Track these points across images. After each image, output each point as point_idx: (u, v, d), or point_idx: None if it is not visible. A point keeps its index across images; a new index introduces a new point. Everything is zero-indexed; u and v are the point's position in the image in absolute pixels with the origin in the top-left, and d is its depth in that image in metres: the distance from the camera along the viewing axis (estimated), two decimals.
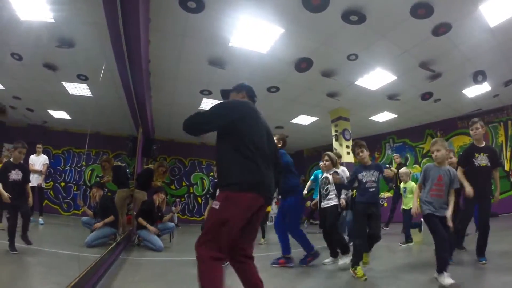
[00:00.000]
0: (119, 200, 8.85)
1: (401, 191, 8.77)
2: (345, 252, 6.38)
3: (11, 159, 6.40)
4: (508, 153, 14.20)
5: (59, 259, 5.98)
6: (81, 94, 9.84)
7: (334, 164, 6.88)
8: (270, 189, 3.18)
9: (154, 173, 9.49)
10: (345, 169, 7.32)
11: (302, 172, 20.02)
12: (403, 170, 9.01)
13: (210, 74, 9.71)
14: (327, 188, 6.59)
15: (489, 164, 5.74)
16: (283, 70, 9.62)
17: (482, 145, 6.01)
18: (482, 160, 5.75)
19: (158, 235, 8.29)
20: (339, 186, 6.45)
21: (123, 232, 8.81)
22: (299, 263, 5.98)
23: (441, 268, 4.40)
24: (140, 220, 8.17)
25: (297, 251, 6.39)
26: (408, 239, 8.45)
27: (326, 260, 6.50)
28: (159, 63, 8.92)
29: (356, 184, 5.85)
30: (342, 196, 6.58)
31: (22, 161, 6.63)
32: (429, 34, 8.08)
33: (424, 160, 15.72)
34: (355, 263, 5.30)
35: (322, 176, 6.87)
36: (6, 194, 6.04)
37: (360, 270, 5.20)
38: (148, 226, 8.12)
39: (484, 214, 5.71)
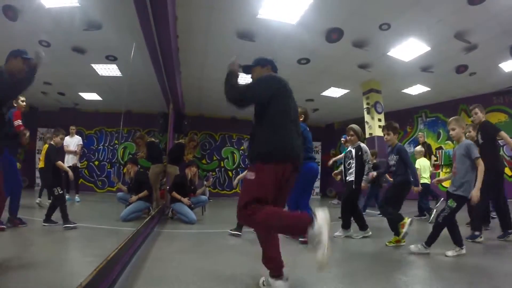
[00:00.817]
0: (153, 175, 8.95)
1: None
2: (362, 228, 6.61)
3: (52, 142, 6.57)
4: None
5: (97, 233, 6.30)
6: (111, 74, 9.99)
7: (359, 138, 6.88)
8: (299, 158, 3.25)
9: (185, 147, 9.51)
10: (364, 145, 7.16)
11: (333, 146, 20.09)
12: (417, 148, 9.28)
13: (239, 47, 9.60)
14: (350, 162, 6.72)
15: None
16: (313, 41, 9.46)
17: None
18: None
19: (191, 208, 8.34)
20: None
21: (157, 206, 8.92)
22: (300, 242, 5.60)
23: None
24: (174, 194, 8.22)
25: None
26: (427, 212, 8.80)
27: (337, 233, 6.57)
28: (187, 38, 8.90)
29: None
30: (365, 177, 6.59)
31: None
32: (465, 2, 7.75)
33: None
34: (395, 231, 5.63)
35: (347, 149, 6.96)
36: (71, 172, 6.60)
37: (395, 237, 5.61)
38: (182, 198, 8.16)
39: None
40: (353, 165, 6.62)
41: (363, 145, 6.78)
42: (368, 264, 4.66)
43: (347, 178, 6.76)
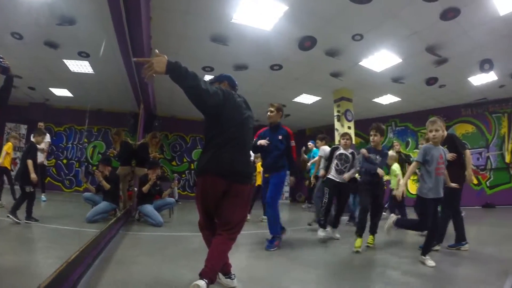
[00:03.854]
0: (121, 176, 8.82)
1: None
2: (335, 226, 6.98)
3: (33, 140, 6.72)
4: (510, 145, 14.32)
5: (61, 234, 6.15)
6: (83, 71, 9.82)
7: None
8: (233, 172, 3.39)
9: (148, 145, 9.41)
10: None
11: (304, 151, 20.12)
12: (390, 152, 9.25)
13: (212, 51, 9.62)
14: (347, 166, 6.89)
15: None
16: (286, 48, 9.52)
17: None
18: None
19: (158, 210, 8.32)
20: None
21: (124, 208, 8.82)
22: (266, 248, 5.70)
23: (425, 251, 4.82)
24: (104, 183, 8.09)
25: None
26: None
27: (321, 233, 6.75)
28: (160, 40, 8.84)
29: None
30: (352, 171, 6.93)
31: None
32: (437, 18, 7.99)
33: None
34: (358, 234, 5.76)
35: (338, 152, 7.03)
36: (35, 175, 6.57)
37: (358, 241, 5.66)
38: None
39: None
40: (348, 168, 6.90)
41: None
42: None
43: (331, 177, 6.94)
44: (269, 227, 5.99)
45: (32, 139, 6.71)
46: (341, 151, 6.99)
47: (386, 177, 7.68)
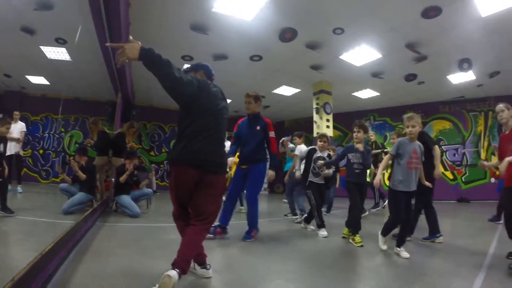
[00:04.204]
0: (98, 167, 8.68)
1: None
2: (320, 226, 6.67)
3: None
4: (486, 143, 14.85)
5: (37, 226, 6.06)
6: (60, 58, 9.64)
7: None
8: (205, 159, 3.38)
9: (125, 135, 9.28)
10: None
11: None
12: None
13: (192, 40, 9.53)
14: (323, 169, 6.89)
15: None
16: (267, 39, 9.49)
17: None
18: None
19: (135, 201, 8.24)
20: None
21: (101, 198, 8.69)
22: (242, 238, 5.75)
23: (400, 243, 4.96)
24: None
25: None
26: None
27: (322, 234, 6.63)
28: (139, 26, 8.68)
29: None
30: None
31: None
32: (419, 15, 8.07)
33: None
34: (354, 232, 5.77)
35: (315, 155, 7.04)
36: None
37: (358, 237, 5.65)
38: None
39: None
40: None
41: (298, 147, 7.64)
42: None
43: (318, 180, 6.96)
44: (248, 219, 5.96)
45: None
46: (319, 154, 7.04)
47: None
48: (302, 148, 8.11)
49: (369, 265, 4.59)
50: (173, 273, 2.83)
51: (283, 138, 10.42)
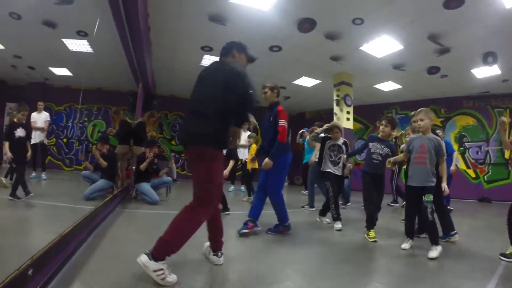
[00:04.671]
0: (119, 155, 8.85)
1: None
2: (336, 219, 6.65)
3: (15, 120, 6.73)
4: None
5: (59, 211, 6.27)
6: (82, 50, 9.82)
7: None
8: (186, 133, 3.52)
9: (146, 125, 9.37)
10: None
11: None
12: None
13: (211, 30, 9.55)
14: (341, 156, 6.95)
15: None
16: (285, 29, 9.43)
17: None
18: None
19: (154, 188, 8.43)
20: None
21: (122, 186, 8.92)
22: (267, 231, 5.72)
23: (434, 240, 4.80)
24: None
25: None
26: None
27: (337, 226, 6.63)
28: (158, 18, 8.79)
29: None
30: (348, 164, 7.09)
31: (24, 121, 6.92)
32: (440, 5, 7.88)
33: None
34: (369, 227, 5.73)
35: (330, 143, 7.06)
36: (9, 154, 6.59)
37: (372, 232, 5.62)
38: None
39: None
40: (342, 158, 6.99)
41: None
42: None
43: (335, 170, 6.95)
44: (276, 214, 5.84)
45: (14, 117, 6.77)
46: (333, 141, 7.03)
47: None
48: None
49: (381, 261, 4.58)
50: (143, 258, 2.96)
51: (302, 130, 10.42)
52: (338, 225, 6.46)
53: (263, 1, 8.08)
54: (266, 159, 5.46)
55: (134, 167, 9.25)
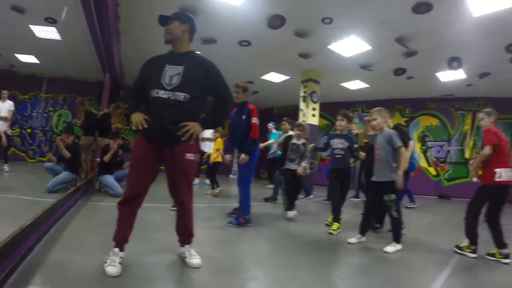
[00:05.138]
0: (84, 146, 8.75)
1: None
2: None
3: None
4: (471, 142, 14.88)
5: (21, 204, 6.18)
6: (50, 37, 9.62)
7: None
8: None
9: (111, 116, 9.30)
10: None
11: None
12: None
13: None
14: (297, 155, 7.27)
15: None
16: (255, 25, 9.46)
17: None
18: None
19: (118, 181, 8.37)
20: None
21: (85, 178, 8.82)
22: (228, 224, 5.97)
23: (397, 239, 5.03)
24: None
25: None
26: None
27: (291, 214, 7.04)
28: (129, 8, 8.71)
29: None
30: (304, 164, 7.18)
31: None
32: (409, 10, 8.07)
33: None
34: (334, 220, 6.06)
35: (291, 142, 7.43)
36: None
37: (335, 225, 5.91)
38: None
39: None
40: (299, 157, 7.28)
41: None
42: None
43: (293, 166, 7.27)
44: (240, 205, 6.19)
45: None
46: (294, 141, 7.35)
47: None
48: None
49: (339, 253, 4.75)
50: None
51: (268, 124, 10.58)
52: (290, 214, 6.90)
53: None
54: (243, 155, 5.88)
55: (98, 159, 9.17)
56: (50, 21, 8.91)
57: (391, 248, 4.79)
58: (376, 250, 4.83)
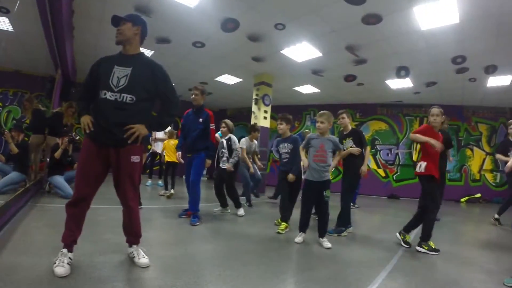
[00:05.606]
0: (33, 146, 8.60)
1: None
2: (238, 206, 7.68)
3: None
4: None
5: None
6: (1, 28, 9.39)
7: (231, 131, 7.98)
8: None
9: (63, 115, 9.20)
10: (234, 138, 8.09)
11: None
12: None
13: None
14: (223, 152, 7.74)
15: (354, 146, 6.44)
16: (209, 27, 9.54)
17: (348, 131, 6.71)
18: (348, 143, 6.50)
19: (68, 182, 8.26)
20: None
21: (35, 179, 8.69)
22: (179, 215, 6.73)
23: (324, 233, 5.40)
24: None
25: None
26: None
27: (216, 209, 7.66)
28: (83, 3, 8.61)
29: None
30: (231, 160, 7.65)
31: None
32: (359, 20, 8.38)
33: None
34: (284, 218, 6.41)
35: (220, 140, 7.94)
36: None
37: (283, 225, 6.24)
38: None
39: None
40: (226, 153, 7.71)
41: (233, 136, 7.90)
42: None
43: (221, 164, 7.73)
44: (192, 205, 6.46)
45: None
46: (221, 139, 7.83)
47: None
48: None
49: (283, 251, 4.91)
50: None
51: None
52: (217, 208, 7.63)
53: None
54: (208, 160, 6.53)
55: (48, 159, 9.00)
56: (3, 11, 8.72)
57: (328, 243, 5.17)
58: (319, 247, 5.13)
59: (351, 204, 9.08)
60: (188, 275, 3.50)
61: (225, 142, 7.75)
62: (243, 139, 9.24)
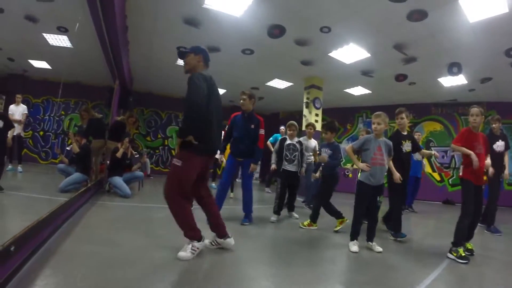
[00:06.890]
0: (94, 150, 9.14)
1: None
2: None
3: None
4: None
5: (35, 202, 6.55)
6: (61, 45, 9.99)
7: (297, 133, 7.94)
8: (216, 150, 4.34)
9: (125, 124, 9.71)
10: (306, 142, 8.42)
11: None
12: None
13: (185, 32, 9.78)
14: (296, 155, 7.58)
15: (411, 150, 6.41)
16: (256, 34, 9.74)
17: (405, 133, 6.66)
18: (407, 147, 6.40)
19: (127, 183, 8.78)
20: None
21: (96, 179, 9.22)
22: (243, 221, 6.56)
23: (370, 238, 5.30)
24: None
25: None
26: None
27: (273, 218, 7.26)
28: (136, 19, 9.06)
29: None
30: (304, 164, 7.84)
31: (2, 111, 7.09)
32: (404, 18, 8.24)
33: None
34: (313, 219, 6.64)
35: (286, 143, 7.72)
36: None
37: (307, 222, 6.62)
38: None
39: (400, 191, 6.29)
40: (297, 156, 7.61)
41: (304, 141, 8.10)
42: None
43: (289, 167, 7.59)
44: (245, 206, 6.70)
45: None
46: (288, 141, 7.67)
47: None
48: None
49: (326, 254, 4.97)
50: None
51: (281, 127, 10.96)
52: (273, 217, 7.22)
53: (235, 8, 8.38)
54: (253, 164, 6.59)
55: (108, 162, 9.55)
56: (62, 30, 9.30)
57: (379, 247, 5.12)
58: (368, 251, 5.10)
59: (406, 207, 9.03)
60: (233, 270, 3.74)
61: (298, 145, 7.65)
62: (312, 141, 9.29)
